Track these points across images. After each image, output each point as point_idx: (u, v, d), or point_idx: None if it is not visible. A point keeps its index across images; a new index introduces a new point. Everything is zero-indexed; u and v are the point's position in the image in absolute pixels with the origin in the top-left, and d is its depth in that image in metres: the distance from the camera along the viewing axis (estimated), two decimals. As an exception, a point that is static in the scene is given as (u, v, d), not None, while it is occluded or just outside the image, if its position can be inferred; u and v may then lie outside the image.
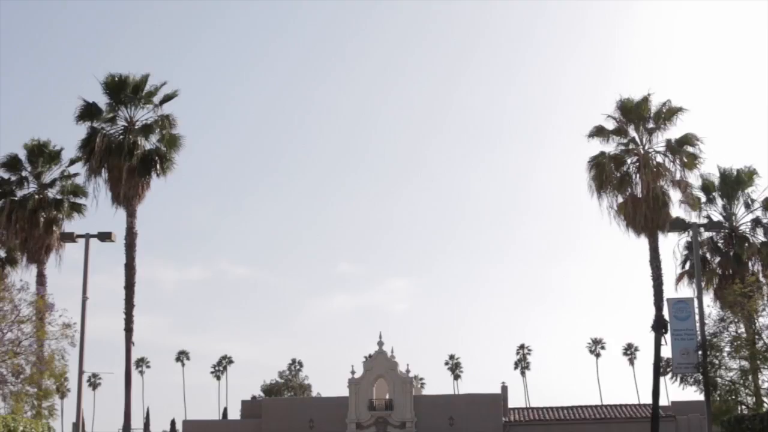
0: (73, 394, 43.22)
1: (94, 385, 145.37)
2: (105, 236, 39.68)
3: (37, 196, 46.33)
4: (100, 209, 46.31)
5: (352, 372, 68.58)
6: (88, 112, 45.83)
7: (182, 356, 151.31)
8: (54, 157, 47.41)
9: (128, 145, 45.04)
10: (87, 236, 39.75)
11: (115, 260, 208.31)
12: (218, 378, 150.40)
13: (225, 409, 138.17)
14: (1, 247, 48.15)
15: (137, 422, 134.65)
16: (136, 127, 46.51)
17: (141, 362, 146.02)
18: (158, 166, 45.59)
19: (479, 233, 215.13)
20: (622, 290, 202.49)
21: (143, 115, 46.94)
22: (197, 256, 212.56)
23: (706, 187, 46.62)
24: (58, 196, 47.11)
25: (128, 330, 43.83)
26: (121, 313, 44.49)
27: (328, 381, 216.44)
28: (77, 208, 47.32)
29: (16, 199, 46.06)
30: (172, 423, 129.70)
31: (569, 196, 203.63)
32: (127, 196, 44.75)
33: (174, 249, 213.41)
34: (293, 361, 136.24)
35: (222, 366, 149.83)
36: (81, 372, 38.39)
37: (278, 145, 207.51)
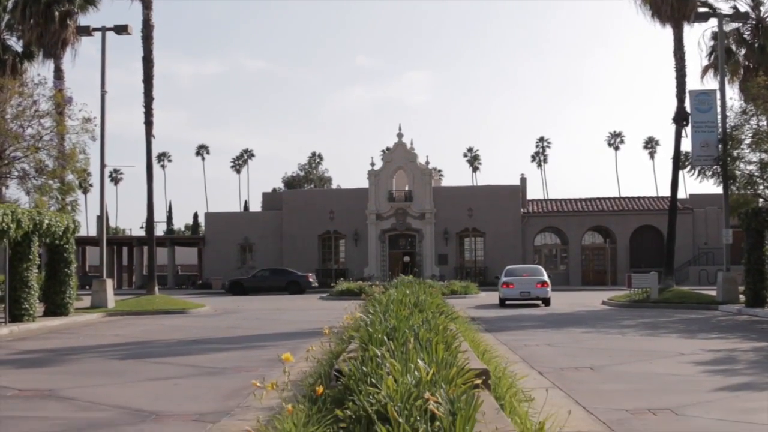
0: (96, 189, 43.89)
1: (116, 180, 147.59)
2: (121, 29, 39.32)
3: (49, -11, 45.34)
4: (115, 4, 45.47)
5: (372, 164, 69.16)
6: None
7: (202, 150, 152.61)
8: (63, -52, 46.02)
9: (139, -69, 43.63)
10: (103, 29, 39.47)
11: (131, 56, 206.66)
12: (238, 172, 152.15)
13: (246, 202, 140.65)
14: (17, 41, 47.65)
15: (160, 216, 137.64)
16: None
17: (162, 157, 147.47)
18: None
19: (503, 27, 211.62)
20: (645, 85, 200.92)
21: None
22: (213, 50, 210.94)
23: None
24: (71, -11, 46.06)
25: (148, 123, 43.77)
26: (140, 108, 44.43)
27: (348, 173, 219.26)
28: (91, 1, 46.39)
29: (28, -8, 45.09)
30: (195, 216, 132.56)
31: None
32: (142, -14, 43.69)
33: (189, 43, 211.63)
34: (313, 154, 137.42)
35: (242, 160, 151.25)
36: (103, 166, 38.80)
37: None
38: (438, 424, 5.56)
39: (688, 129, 40.14)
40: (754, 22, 44.20)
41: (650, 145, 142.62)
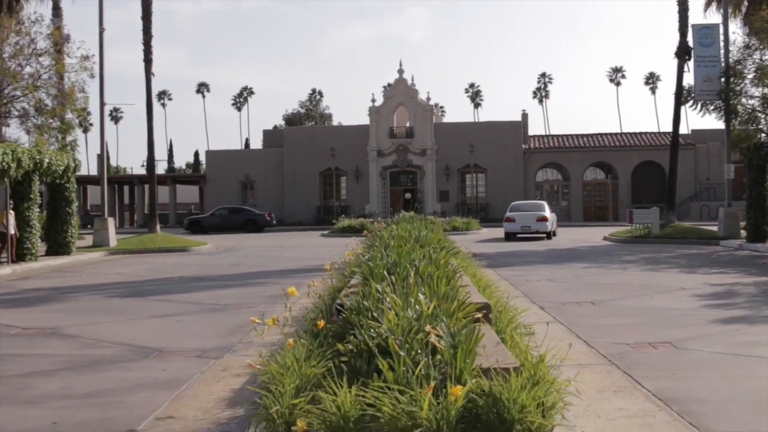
0: (96, 128, 43.78)
1: (116, 119, 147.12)
2: (117, -35, 38.85)
3: (46, -76, 44.69)
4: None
5: (373, 100, 68.83)
6: None
7: (202, 88, 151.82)
8: None
9: None
10: (100, -35, 39.01)
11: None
12: (239, 109, 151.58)
13: (247, 140, 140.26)
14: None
15: (161, 154, 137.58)
16: None
17: (162, 95, 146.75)
18: None
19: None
20: (646, 20, 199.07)
21: None
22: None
23: None
24: (67, -76, 45.49)
25: (147, 61, 43.46)
26: (140, 46, 44.13)
27: (349, 110, 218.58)
28: (88, -63, 45.81)
29: (25, -74, 44.46)
30: (196, 154, 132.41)
31: None
32: None
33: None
34: (313, 91, 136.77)
35: (243, 97, 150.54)
36: (102, 104, 38.63)
37: None
38: (439, 357, 5.59)
39: (691, 64, 39.89)
40: (759, -47, 43.57)
41: (651, 80, 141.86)
